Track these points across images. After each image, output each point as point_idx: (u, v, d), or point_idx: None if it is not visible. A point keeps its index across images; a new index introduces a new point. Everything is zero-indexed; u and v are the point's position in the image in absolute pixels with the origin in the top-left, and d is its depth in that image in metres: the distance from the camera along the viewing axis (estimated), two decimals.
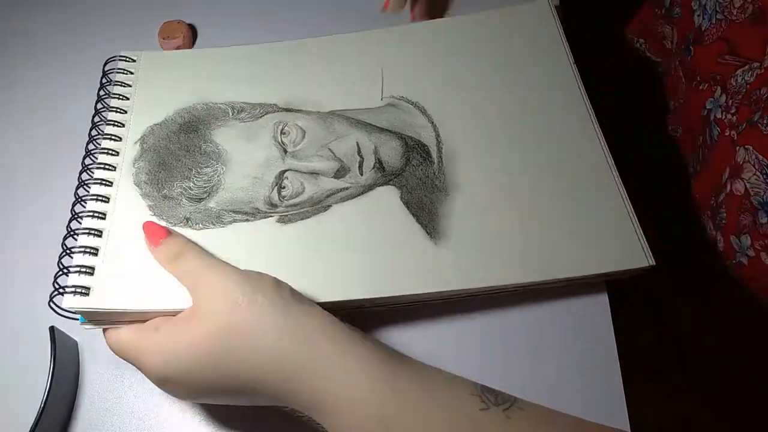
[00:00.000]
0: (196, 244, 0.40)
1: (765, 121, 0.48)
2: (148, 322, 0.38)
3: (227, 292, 0.35)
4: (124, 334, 0.37)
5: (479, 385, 0.33)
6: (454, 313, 0.44)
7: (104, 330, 0.39)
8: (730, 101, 0.53)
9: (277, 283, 0.36)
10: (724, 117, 0.54)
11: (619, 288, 0.46)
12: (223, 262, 0.38)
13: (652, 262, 0.41)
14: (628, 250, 0.41)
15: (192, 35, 0.60)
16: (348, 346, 0.34)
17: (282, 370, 0.33)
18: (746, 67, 0.52)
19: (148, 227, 0.40)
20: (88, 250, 0.40)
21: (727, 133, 0.53)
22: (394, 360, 0.34)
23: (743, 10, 0.52)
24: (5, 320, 0.47)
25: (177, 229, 0.42)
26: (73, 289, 0.38)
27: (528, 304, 0.44)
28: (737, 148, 0.50)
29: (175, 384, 0.35)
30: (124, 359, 0.38)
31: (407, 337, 0.44)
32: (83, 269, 0.39)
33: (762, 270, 0.50)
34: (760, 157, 0.48)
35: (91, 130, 0.46)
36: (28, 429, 0.39)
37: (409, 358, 0.35)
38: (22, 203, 0.52)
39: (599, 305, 0.44)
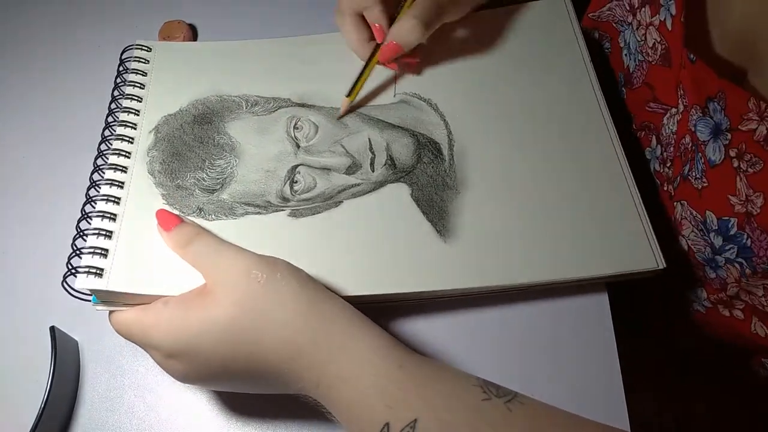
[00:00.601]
0: (208, 231, 0.40)
1: (694, 174, 0.43)
2: (154, 301, 0.37)
3: (246, 268, 0.35)
4: (130, 313, 0.37)
5: (481, 379, 0.33)
6: (456, 310, 0.44)
7: (109, 314, 0.38)
8: (665, 153, 0.49)
9: (294, 266, 0.37)
10: (661, 170, 0.50)
11: (619, 288, 0.46)
12: (237, 246, 0.38)
13: (662, 264, 0.41)
14: (639, 252, 0.41)
15: (192, 35, 0.60)
16: (359, 330, 0.35)
17: (295, 343, 0.34)
18: (668, 114, 0.48)
19: (160, 214, 0.40)
20: (102, 232, 0.40)
21: (665, 188, 0.49)
22: (402, 348, 0.35)
23: (655, 51, 0.47)
24: (5, 320, 0.46)
25: (190, 218, 0.42)
26: (86, 270, 0.38)
27: (528, 304, 0.44)
28: (675, 204, 0.46)
29: (182, 360, 0.35)
30: (129, 339, 0.37)
31: (409, 333, 0.44)
32: (97, 250, 0.39)
33: (719, 321, 0.49)
34: (694, 212, 0.44)
35: (107, 117, 0.46)
36: (29, 429, 0.38)
37: (416, 352, 0.36)
38: (21, 207, 0.52)
39: (599, 305, 0.44)
